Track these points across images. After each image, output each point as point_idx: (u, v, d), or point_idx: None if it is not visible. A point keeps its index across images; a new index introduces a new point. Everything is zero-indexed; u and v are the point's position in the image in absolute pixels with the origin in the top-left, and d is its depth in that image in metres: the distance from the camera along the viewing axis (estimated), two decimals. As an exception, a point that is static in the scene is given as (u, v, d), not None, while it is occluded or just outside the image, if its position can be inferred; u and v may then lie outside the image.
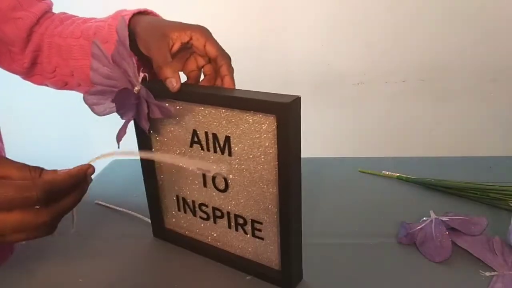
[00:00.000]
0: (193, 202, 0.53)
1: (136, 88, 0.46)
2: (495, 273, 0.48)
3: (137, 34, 0.51)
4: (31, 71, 0.63)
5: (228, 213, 0.51)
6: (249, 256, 0.51)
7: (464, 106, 1.29)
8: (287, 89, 0.42)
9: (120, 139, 0.48)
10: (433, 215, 0.55)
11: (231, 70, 0.50)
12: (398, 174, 0.71)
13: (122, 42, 0.46)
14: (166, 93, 0.46)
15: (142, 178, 0.57)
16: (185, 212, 0.55)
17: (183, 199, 0.54)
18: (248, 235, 0.50)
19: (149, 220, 0.60)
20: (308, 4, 1.20)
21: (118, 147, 0.46)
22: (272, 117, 0.41)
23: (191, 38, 0.50)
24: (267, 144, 0.43)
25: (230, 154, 0.47)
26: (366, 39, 1.22)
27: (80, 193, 0.42)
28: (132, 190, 0.72)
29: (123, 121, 0.48)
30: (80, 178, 0.42)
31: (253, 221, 0.48)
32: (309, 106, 1.31)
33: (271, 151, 0.43)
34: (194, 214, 0.54)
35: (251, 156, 0.45)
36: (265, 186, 0.45)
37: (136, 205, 0.67)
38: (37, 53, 0.60)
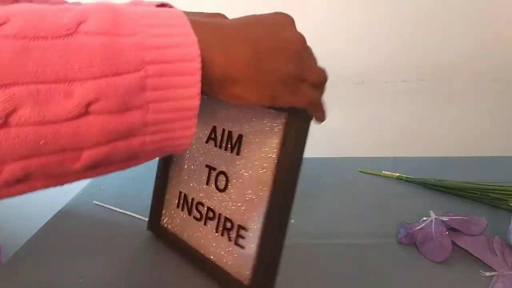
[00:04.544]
0: (192, 199, 0.53)
1: None
2: (495, 273, 0.48)
3: None
4: None
5: (220, 215, 0.50)
6: (225, 267, 0.48)
7: (464, 106, 1.29)
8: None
9: None
10: (433, 215, 0.55)
11: None
12: (398, 174, 0.71)
13: None
14: None
15: (141, 178, 0.57)
16: (182, 209, 0.55)
17: (185, 195, 0.55)
18: (231, 242, 0.48)
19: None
20: (308, 4, 1.20)
21: None
22: (283, 116, 0.42)
23: None
24: (273, 145, 0.43)
25: (238, 153, 0.47)
26: (366, 39, 1.22)
27: None
28: (131, 190, 0.72)
29: None
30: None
31: (239, 227, 0.47)
32: (309, 106, 1.30)
33: (273, 156, 0.43)
34: (190, 213, 0.54)
35: (255, 158, 0.45)
36: (259, 193, 0.45)
37: (136, 205, 0.67)
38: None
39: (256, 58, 0.31)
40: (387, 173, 0.72)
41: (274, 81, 0.32)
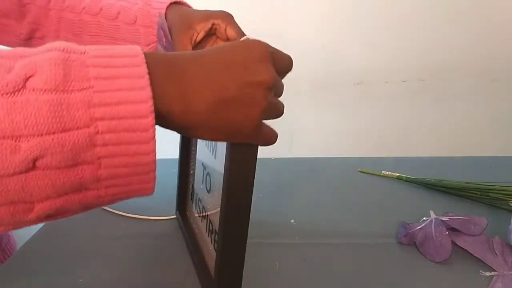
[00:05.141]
0: (197, 194, 0.55)
1: None
2: (495, 273, 0.48)
3: (168, 26, 0.52)
4: (29, 45, 0.59)
5: (207, 216, 0.49)
6: (208, 266, 0.48)
7: (464, 106, 1.29)
8: (287, 89, 0.42)
9: None
10: (433, 215, 0.55)
11: None
12: (398, 174, 0.71)
13: (165, 34, 0.49)
14: None
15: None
16: (192, 202, 0.58)
17: (193, 189, 0.57)
18: (212, 244, 0.47)
19: (149, 218, 0.60)
20: (308, 4, 1.20)
21: None
22: None
23: (213, 24, 0.51)
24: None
25: (215, 156, 0.45)
26: (366, 39, 1.22)
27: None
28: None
29: None
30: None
31: (215, 231, 0.45)
32: (309, 106, 1.31)
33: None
34: (196, 207, 0.56)
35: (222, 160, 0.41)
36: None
37: (136, 205, 0.67)
38: (36, 25, 0.58)
39: (217, 109, 0.29)
40: (387, 173, 0.72)
41: (235, 128, 0.31)
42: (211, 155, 0.47)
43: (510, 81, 1.24)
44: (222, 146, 0.42)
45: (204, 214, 0.51)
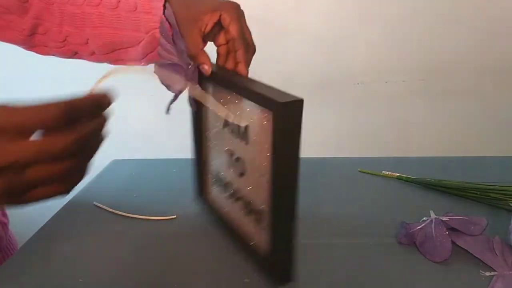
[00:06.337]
0: (223, 179, 0.57)
1: (190, 66, 0.51)
2: (495, 273, 0.48)
3: (169, 6, 0.52)
4: (33, 40, 0.59)
5: (243, 197, 0.52)
6: (255, 244, 0.51)
7: (464, 106, 1.29)
8: (286, 89, 0.42)
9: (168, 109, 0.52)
10: (433, 215, 0.55)
11: (246, 57, 0.51)
12: (398, 174, 0.71)
13: (173, 26, 0.50)
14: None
15: (141, 178, 0.57)
16: (217, 186, 0.60)
17: (217, 175, 0.58)
18: (255, 223, 0.51)
19: (149, 218, 0.60)
20: (308, 4, 1.20)
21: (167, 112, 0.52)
22: (270, 113, 0.42)
23: (220, 16, 0.51)
24: (268, 137, 0.43)
25: (247, 143, 0.48)
26: (366, 39, 1.22)
27: (102, 121, 0.34)
28: (132, 190, 0.72)
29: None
30: (100, 102, 0.33)
31: (258, 210, 0.49)
32: (309, 106, 1.30)
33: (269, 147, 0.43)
34: (223, 191, 0.58)
35: (259, 148, 0.46)
36: (266, 180, 0.46)
37: (136, 206, 0.67)
38: (38, 20, 0.57)
39: None
40: (387, 173, 0.72)
41: None
42: (241, 142, 0.49)
43: (510, 81, 1.24)
44: (253, 133, 0.46)
45: (238, 196, 0.53)
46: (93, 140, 0.33)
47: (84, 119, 0.31)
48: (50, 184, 0.30)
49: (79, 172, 0.33)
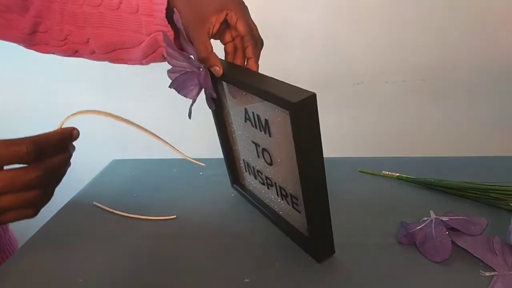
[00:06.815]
0: (253, 167, 0.60)
1: (201, 69, 0.51)
2: (495, 273, 0.48)
3: (176, 11, 0.52)
4: (33, 39, 0.59)
5: (276, 183, 0.56)
6: (293, 223, 0.56)
7: (464, 106, 1.29)
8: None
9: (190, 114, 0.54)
10: (433, 215, 0.55)
11: (256, 53, 0.52)
12: (398, 174, 0.71)
13: (181, 31, 0.51)
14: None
15: (141, 178, 0.57)
16: (249, 173, 0.64)
17: (247, 163, 0.62)
18: (290, 206, 0.55)
19: (149, 218, 0.60)
20: (308, 4, 1.20)
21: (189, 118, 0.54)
22: (286, 112, 0.43)
23: (227, 15, 0.51)
24: (288, 132, 0.44)
25: (270, 135, 0.50)
26: (366, 39, 1.22)
27: (67, 154, 0.40)
28: (131, 190, 0.72)
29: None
30: (66, 137, 0.40)
31: (291, 195, 0.53)
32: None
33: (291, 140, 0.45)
34: (256, 178, 0.62)
35: (283, 141, 0.48)
36: (295, 170, 0.47)
37: (136, 205, 0.67)
38: (39, 19, 0.57)
39: None
40: (387, 173, 0.72)
41: None
42: (265, 135, 0.51)
43: (510, 81, 1.24)
44: (273, 128, 0.48)
45: (270, 182, 0.57)
46: (60, 170, 0.38)
47: (52, 152, 0.37)
48: (19, 209, 0.36)
49: (46, 196, 0.38)
